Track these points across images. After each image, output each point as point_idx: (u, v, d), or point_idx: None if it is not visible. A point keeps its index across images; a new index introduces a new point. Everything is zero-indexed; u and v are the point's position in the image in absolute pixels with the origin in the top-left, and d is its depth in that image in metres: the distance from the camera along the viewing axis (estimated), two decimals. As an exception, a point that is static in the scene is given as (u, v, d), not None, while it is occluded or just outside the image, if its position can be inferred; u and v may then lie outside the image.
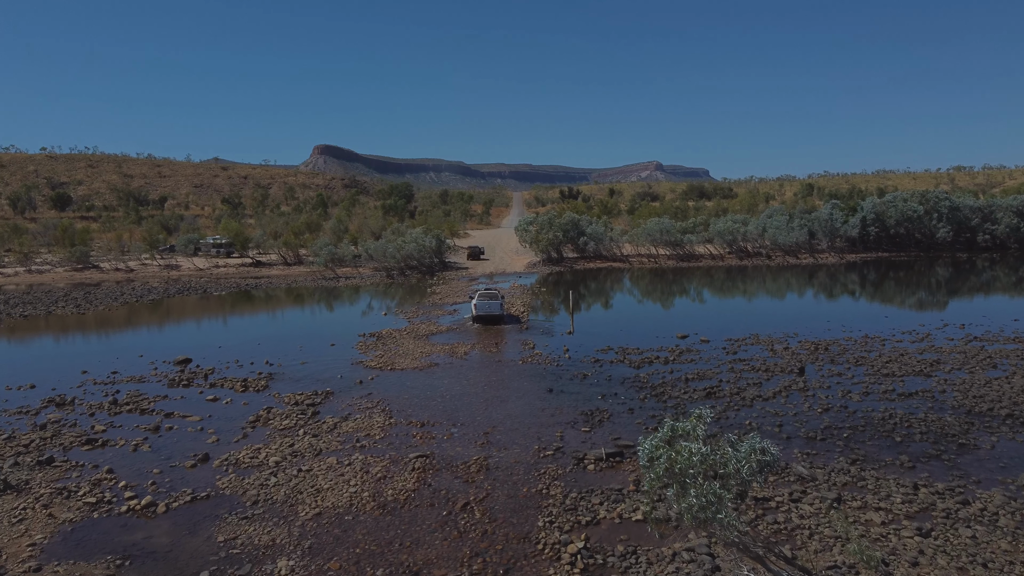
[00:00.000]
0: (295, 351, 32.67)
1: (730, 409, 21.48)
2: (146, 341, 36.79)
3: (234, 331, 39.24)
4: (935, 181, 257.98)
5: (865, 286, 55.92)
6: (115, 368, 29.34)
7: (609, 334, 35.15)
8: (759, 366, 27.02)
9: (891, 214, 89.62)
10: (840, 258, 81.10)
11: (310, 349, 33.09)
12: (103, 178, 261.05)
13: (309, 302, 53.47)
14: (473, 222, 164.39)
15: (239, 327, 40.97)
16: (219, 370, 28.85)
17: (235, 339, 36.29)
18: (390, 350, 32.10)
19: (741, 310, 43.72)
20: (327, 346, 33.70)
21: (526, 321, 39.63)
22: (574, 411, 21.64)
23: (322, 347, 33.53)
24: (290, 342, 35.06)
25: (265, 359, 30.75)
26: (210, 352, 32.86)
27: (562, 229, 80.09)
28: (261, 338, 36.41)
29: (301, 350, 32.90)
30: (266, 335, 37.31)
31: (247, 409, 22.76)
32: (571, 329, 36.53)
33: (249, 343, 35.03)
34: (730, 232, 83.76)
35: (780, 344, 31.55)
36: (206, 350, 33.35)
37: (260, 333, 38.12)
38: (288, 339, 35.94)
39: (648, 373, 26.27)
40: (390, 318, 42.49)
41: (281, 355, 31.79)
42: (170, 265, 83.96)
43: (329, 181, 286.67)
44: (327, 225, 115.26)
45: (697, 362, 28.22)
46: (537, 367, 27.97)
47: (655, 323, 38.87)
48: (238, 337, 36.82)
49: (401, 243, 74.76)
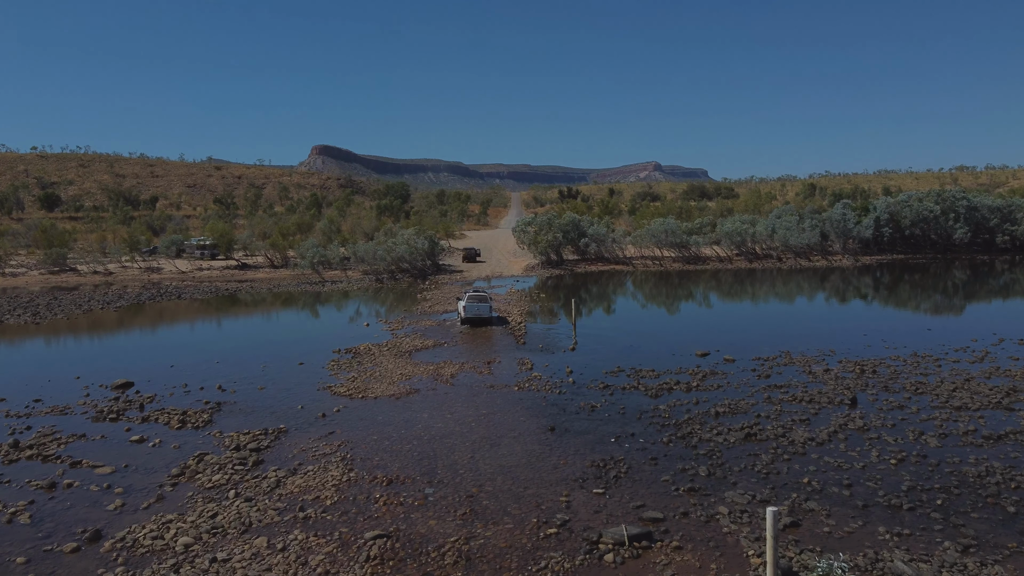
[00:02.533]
0: (256, 372, 28.25)
1: (778, 459, 17.06)
2: (90, 359, 32.31)
3: (194, 345, 34.79)
4: (938, 181, 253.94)
5: (891, 291, 51.58)
6: (40, 395, 24.89)
7: (617, 350, 30.78)
8: (800, 395, 22.62)
9: (906, 214, 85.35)
10: (855, 260, 76.79)
11: (274, 369, 28.66)
12: (94, 178, 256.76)
13: (288, 309, 49.02)
14: (470, 222, 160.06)
15: (201, 340, 36.52)
16: (161, 397, 24.43)
17: (193, 356, 31.85)
18: (365, 371, 27.67)
19: (762, 320, 39.37)
20: (294, 365, 29.27)
21: (522, 334, 35.24)
22: (583, 460, 17.25)
23: (289, 366, 29.11)
24: (254, 360, 30.64)
25: (219, 383, 26.33)
26: (159, 373, 28.43)
27: (562, 230, 75.68)
28: (223, 354, 31.96)
29: (264, 370, 28.48)
30: (229, 351, 32.86)
31: (176, 455, 18.34)
32: (574, 344, 32.12)
33: (207, 361, 30.59)
34: (738, 233, 79.37)
35: (818, 364, 27.17)
36: (155, 371, 28.92)
37: (223, 348, 33.66)
38: (253, 355, 31.51)
39: (669, 404, 21.86)
40: (373, 329, 38.11)
41: (239, 377, 27.37)
42: (151, 268, 79.68)
43: (325, 181, 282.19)
44: (318, 226, 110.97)
45: (725, 389, 23.83)
46: (535, 395, 23.57)
47: (668, 336, 34.50)
48: (197, 353, 32.37)
49: (391, 245, 70.31)
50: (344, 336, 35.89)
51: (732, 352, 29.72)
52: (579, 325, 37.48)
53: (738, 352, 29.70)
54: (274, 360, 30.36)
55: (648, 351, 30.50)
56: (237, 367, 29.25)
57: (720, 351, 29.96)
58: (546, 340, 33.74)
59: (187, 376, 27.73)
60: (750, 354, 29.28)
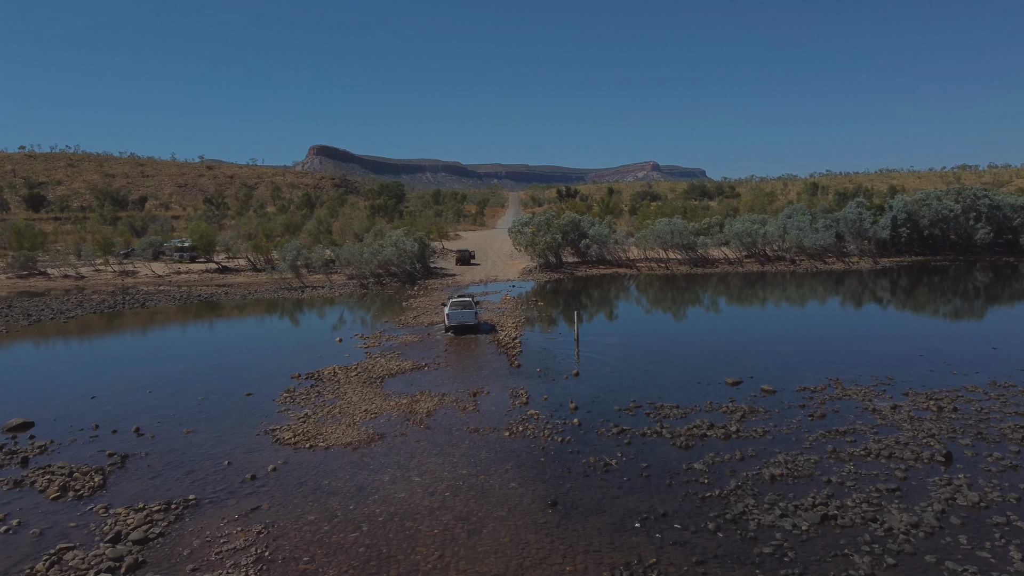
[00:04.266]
0: (192, 406, 23.08)
1: (881, 566, 11.86)
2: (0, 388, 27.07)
3: (133, 368, 29.53)
4: (941, 180, 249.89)
5: (927, 298, 46.45)
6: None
7: (629, 375, 25.65)
8: (874, 447, 17.46)
9: (924, 213, 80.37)
10: (874, 262, 71.73)
11: (214, 403, 23.49)
12: (83, 178, 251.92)
13: (256, 319, 43.80)
14: (466, 223, 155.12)
15: (143, 360, 31.24)
16: (59, 445, 19.25)
17: (125, 382, 26.64)
18: (323, 406, 22.51)
19: (793, 334, 34.22)
20: (240, 397, 24.09)
21: (517, 352, 30.07)
22: (598, 564, 12.09)
23: (233, 398, 23.94)
24: (195, 387, 25.47)
25: (140, 423, 21.18)
26: (75, 407, 23.25)
27: (561, 231, 70.55)
28: (161, 380, 26.76)
29: (201, 405, 23.31)
30: (170, 375, 27.64)
31: (31, 548, 13.18)
32: (577, 370, 26.90)
33: (139, 389, 25.42)
34: (748, 234, 74.26)
35: (880, 399, 22.04)
36: (71, 403, 23.74)
37: (164, 371, 28.42)
38: (196, 382, 26.32)
39: (706, 462, 16.68)
40: (345, 345, 32.98)
41: (168, 414, 22.23)
42: (126, 272, 74.58)
43: (319, 181, 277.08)
44: (307, 226, 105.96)
45: (773, 436, 18.68)
46: (532, 444, 18.43)
47: (687, 354, 29.34)
48: (131, 379, 27.14)
49: (377, 247, 65.07)
50: (310, 355, 30.74)
51: (768, 379, 24.61)
52: (582, 338, 32.41)
53: (776, 379, 24.58)
54: (218, 389, 25.18)
55: (666, 377, 25.36)
56: (171, 399, 24.09)
57: (754, 378, 24.83)
58: (545, 360, 28.58)
59: (106, 412, 22.57)
60: (791, 382, 24.16)
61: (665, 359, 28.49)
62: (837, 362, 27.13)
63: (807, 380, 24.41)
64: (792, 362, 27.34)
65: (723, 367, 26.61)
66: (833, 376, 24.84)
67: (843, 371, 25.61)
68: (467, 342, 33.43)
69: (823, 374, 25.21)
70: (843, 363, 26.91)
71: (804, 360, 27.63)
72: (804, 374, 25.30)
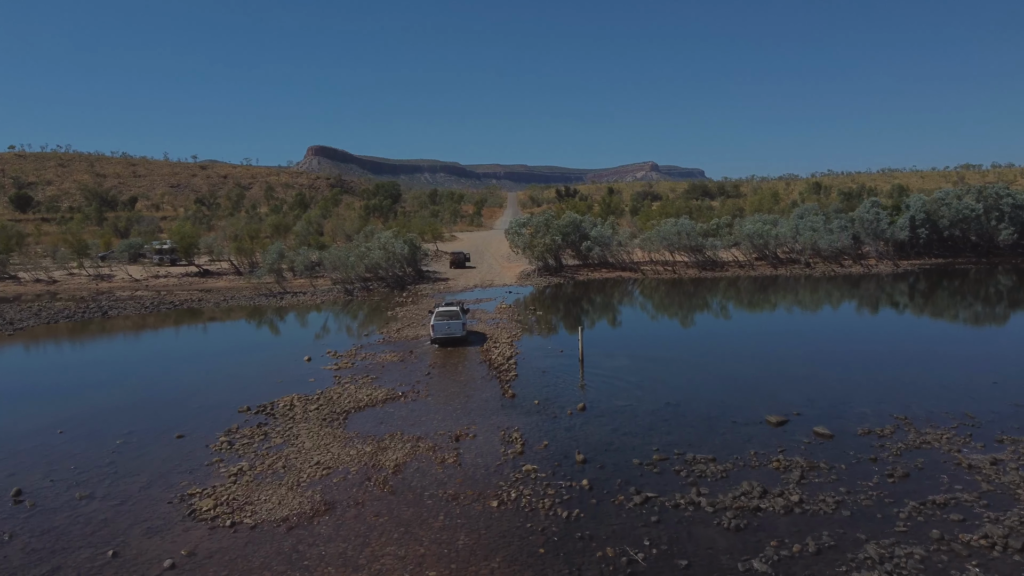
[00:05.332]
0: (103, 454, 18.45)
1: None
2: None
3: (54, 397, 24.83)
4: (944, 179, 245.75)
5: (970, 307, 41.85)
6: None
7: (647, 408, 21.04)
8: (996, 533, 12.82)
9: (943, 213, 75.81)
10: (894, 265, 67.13)
11: (133, 449, 18.84)
12: (74, 178, 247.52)
13: (223, 331, 39.14)
14: (463, 223, 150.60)
15: (71, 388, 26.53)
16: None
17: (36, 417, 21.99)
18: (266, 456, 17.88)
19: (831, 351, 29.48)
20: (169, 439, 19.46)
21: (511, 377, 25.44)
22: None
23: (158, 442, 19.30)
24: (117, 425, 20.84)
25: (26, 483, 16.56)
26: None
27: (561, 232, 65.93)
28: (79, 416, 22.09)
29: (117, 450, 18.69)
30: (91, 409, 22.95)
31: None
32: (583, 403, 22.24)
33: (48, 428, 20.78)
34: (760, 235, 69.65)
35: (967, 446, 17.40)
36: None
37: (87, 403, 23.71)
38: (121, 417, 21.67)
39: (770, 560, 11.99)
40: (313, 366, 28.38)
41: (71, 465, 17.62)
42: (101, 275, 69.95)
43: (314, 181, 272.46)
44: (295, 227, 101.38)
45: (851, 511, 14.02)
46: (527, 521, 13.81)
47: (713, 381, 24.70)
48: (43, 413, 22.48)
49: (364, 250, 60.40)
50: (270, 379, 26.11)
51: (818, 415, 19.98)
52: (588, 355, 27.83)
53: (828, 416, 19.95)
54: (146, 428, 20.53)
55: (692, 412, 20.73)
56: (83, 443, 19.45)
57: (801, 415, 20.19)
58: (544, 387, 23.93)
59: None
60: (848, 421, 19.53)
61: (687, 385, 23.86)
62: (896, 392, 22.50)
63: (867, 418, 19.77)
64: (841, 392, 22.70)
65: (759, 398, 22.01)
66: (899, 413, 20.18)
67: (907, 405, 20.97)
68: (454, 360, 28.87)
69: (884, 409, 20.57)
70: (904, 393, 22.29)
71: (854, 389, 23.00)
72: (860, 409, 20.66)
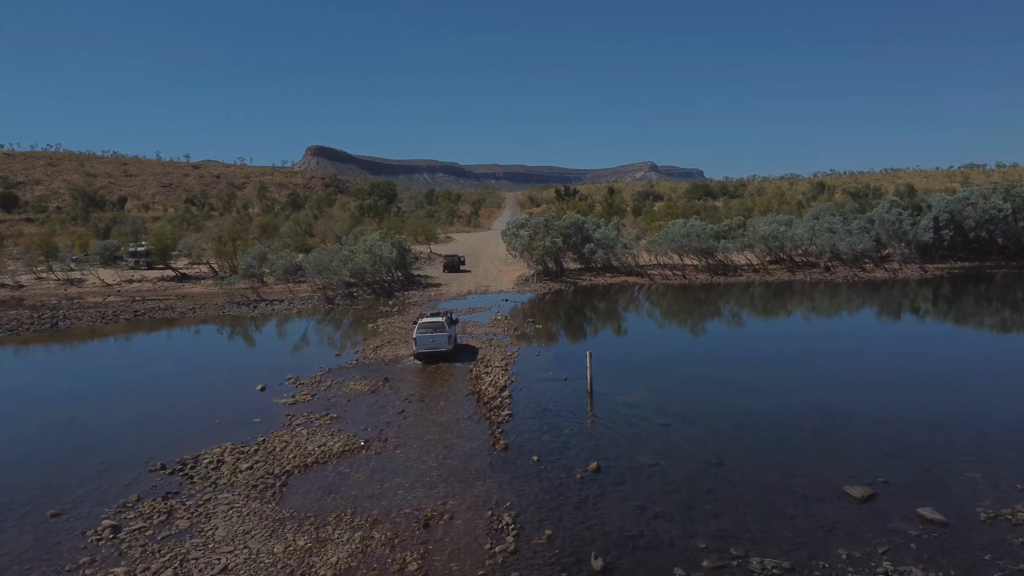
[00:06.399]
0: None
1: None
2: None
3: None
4: (949, 179, 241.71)
5: (1009, 317, 37.24)
6: None
7: (681, 468, 16.43)
8: None
9: (968, 214, 71.14)
10: (922, 270, 62.52)
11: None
12: (63, 177, 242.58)
13: (177, 348, 34.47)
14: (460, 224, 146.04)
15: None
16: None
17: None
18: (157, 556, 13.25)
19: (894, 386, 24.71)
20: (41, 518, 14.83)
21: (504, 417, 20.77)
22: None
23: (21, 524, 14.71)
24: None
25: None
26: None
27: (563, 234, 61.25)
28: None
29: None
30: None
31: None
32: (596, 463, 17.43)
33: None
34: (775, 237, 64.98)
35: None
36: None
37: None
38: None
39: None
40: (266, 398, 23.81)
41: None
42: (71, 280, 65.38)
43: (309, 180, 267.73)
44: (283, 228, 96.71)
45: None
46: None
47: (759, 424, 20.00)
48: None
49: (348, 254, 55.67)
50: (207, 417, 21.47)
51: (914, 485, 15.39)
52: (597, 381, 23.22)
53: (926, 485, 15.36)
54: (18, 495, 15.87)
55: (743, 478, 16.07)
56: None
57: (888, 482, 15.52)
58: (545, 435, 19.29)
59: None
60: (958, 495, 14.94)
61: (726, 431, 19.18)
62: (1008, 445, 17.69)
63: (982, 491, 15.12)
64: (927, 444, 18.01)
65: (822, 453, 17.36)
66: (1010, 479, 15.45)
67: (1012, 464, 16.25)
68: (437, 389, 24.26)
69: (999, 473, 15.83)
70: (1016, 452, 17.48)
71: (945, 441, 18.29)
72: (966, 474, 16.01)
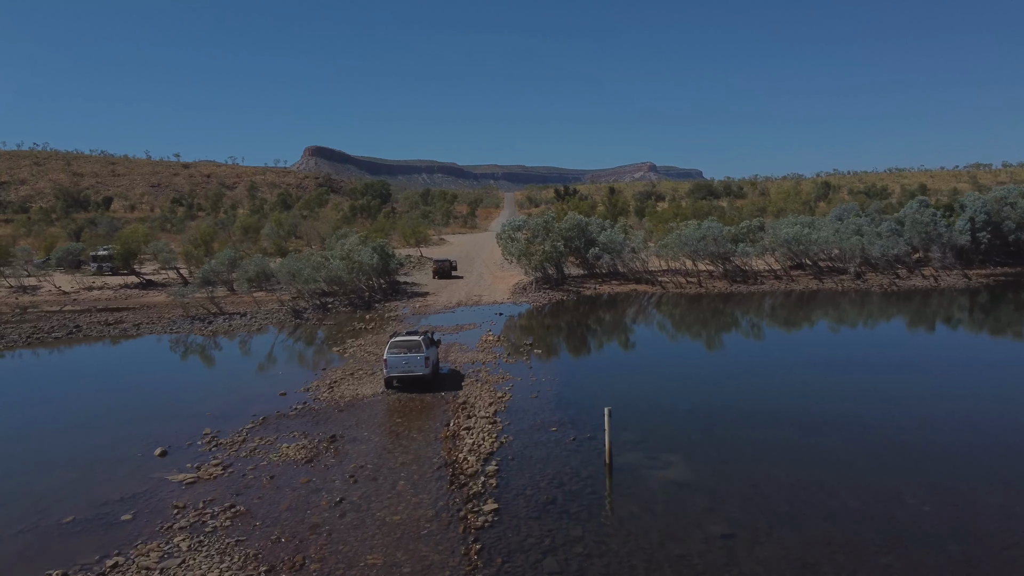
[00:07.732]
0: None
1: None
2: None
3: None
4: (955, 179, 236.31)
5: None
6: None
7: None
8: None
9: (1007, 214, 64.79)
10: (965, 277, 56.04)
11: None
12: (49, 177, 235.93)
13: (85, 382, 27.84)
14: (456, 225, 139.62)
15: None
16: None
17: None
18: None
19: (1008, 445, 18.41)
20: None
21: (490, 513, 14.28)
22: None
23: None
24: None
25: None
26: None
27: (564, 237, 54.74)
28: None
29: None
30: None
31: None
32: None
33: None
34: (799, 240, 58.57)
35: None
36: None
37: None
38: None
39: None
40: (159, 471, 17.31)
41: None
42: (25, 288, 59.13)
43: (302, 180, 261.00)
44: (263, 230, 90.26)
45: None
46: None
47: (853, 521, 13.58)
48: None
49: (321, 260, 49.10)
50: (52, 515, 14.99)
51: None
52: (618, 447, 16.74)
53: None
54: None
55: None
56: None
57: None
58: (546, 551, 12.75)
59: None
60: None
61: (815, 524, 12.65)
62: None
63: None
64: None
65: (954, 567, 10.89)
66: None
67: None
68: (396, 458, 17.74)
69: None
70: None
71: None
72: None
